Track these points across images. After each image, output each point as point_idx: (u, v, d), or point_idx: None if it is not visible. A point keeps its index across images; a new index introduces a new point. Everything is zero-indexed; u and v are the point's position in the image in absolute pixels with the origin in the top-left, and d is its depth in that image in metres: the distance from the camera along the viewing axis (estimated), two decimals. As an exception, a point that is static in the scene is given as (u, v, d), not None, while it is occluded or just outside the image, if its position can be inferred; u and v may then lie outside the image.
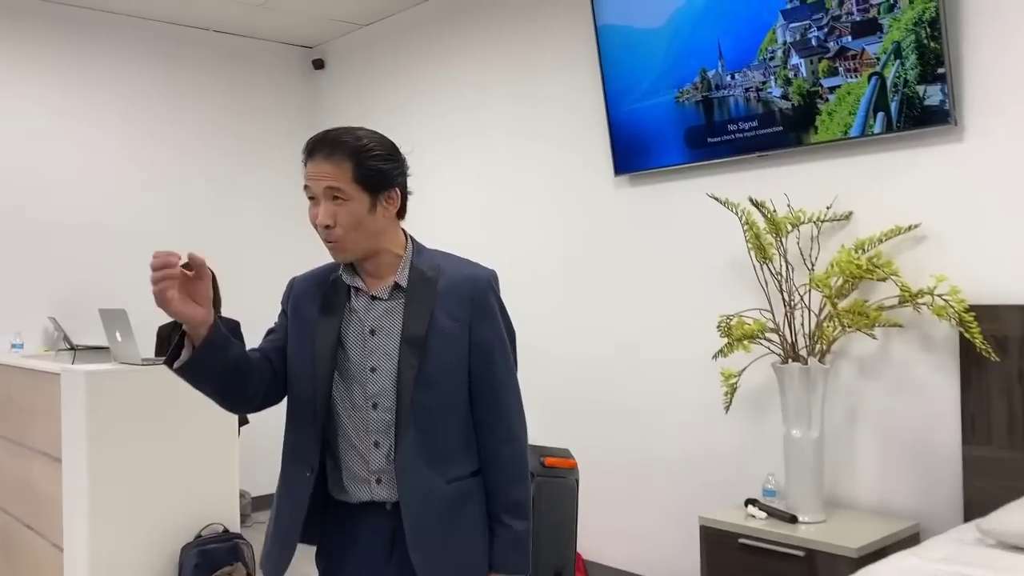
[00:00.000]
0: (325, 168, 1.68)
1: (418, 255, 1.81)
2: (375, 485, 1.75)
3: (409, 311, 1.74)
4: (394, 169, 1.74)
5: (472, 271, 1.82)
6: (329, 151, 1.69)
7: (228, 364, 1.67)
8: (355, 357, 1.75)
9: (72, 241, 5.07)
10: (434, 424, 1.73)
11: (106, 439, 3.39)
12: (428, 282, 1.76)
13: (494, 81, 4.66)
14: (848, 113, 3.16)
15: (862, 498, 3.23)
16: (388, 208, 1.74)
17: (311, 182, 1.71)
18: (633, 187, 4.01)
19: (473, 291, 1.78)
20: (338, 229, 1.69)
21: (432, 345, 1.72)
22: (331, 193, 1.68)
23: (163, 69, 5.46)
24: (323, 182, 1.68)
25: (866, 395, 3.22)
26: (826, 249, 3.24)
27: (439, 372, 1.73)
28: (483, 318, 1.78)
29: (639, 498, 3.96)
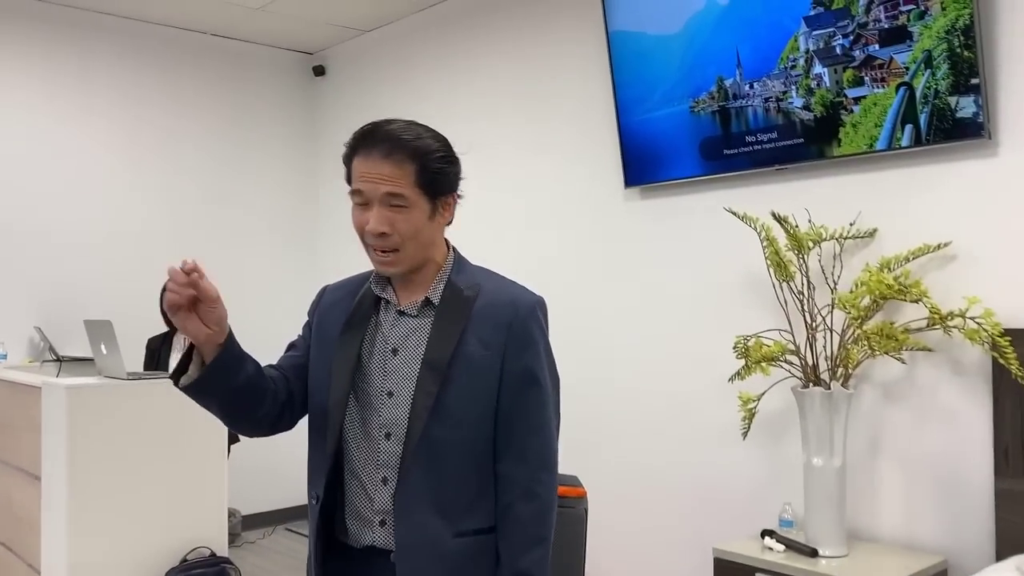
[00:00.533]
0: (384, 169, 1.48)
1: (458, 270, 1.61)
2: (378, 528, 1.54)
3: (436, 331, 1.54)
4: (455, 172, 1.56)
5: (516, 294, 1.59)
6: (389, 149, 1.48)
7: (239, 385, 1.48)
8: (373, 379, 1.55)
9: (61, 249, 4.90)
10: (447, 463, 1.50)
11: (88, 457, 3.22)
12: (463, 301, 1.55)
13: (500, 89, 4.52)
14: (874, 125, 3.00)
15: (885, 531, 3.05)
16: (444, 215, 1.56)
17: (366, 184, 1.50)
18: (644, 200, 3.85)
19: (513, 316, 1.55)
20: (395, 238, 1.50)
21: (455, 372, 1.50)
22: (390, 200, 1.48)
23: (160, 74, 5.31)
24: (382, 186, 1.48)
25: (890, 422, 3.05)
26: (848, 267, 3.08)
27: (460, 403, 1.50)
28: (521, 348, 1.54)
29: (649, 526, 3.78)
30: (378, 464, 1.54)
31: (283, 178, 5.79)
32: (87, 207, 5.01)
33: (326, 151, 5.80)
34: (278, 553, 5.00)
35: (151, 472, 3.34)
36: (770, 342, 3.05)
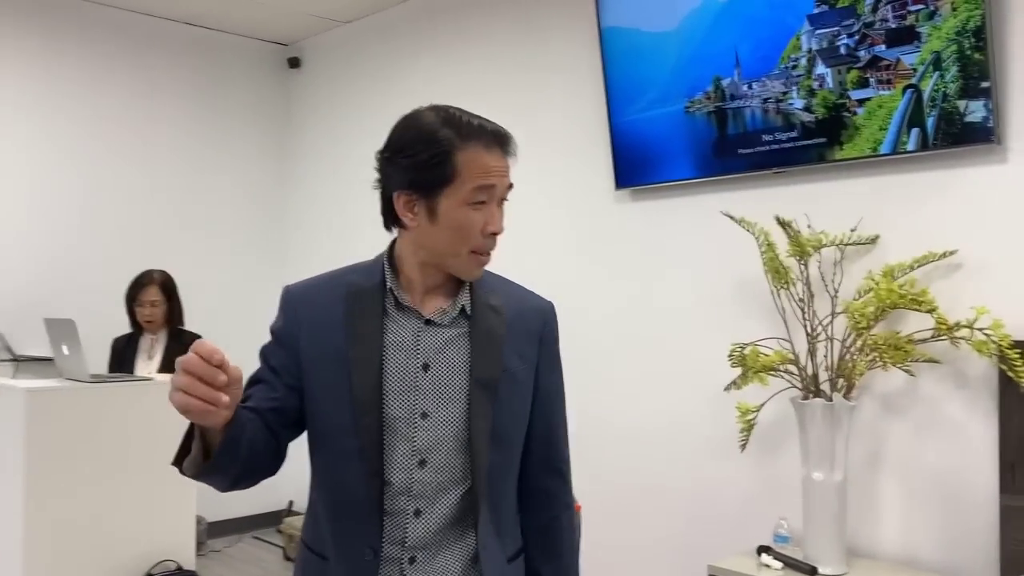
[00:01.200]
0: (505, 164, 1.41)
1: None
2: (407, 566, 1.38)
3: (478, 345, 1.42)
4: None
5: (536, 302, 1.56)
6: (509, 146, 1.42)
7: (245, 455, 1.30)
8: (402, 398, 1.38)
9: (20, 243, 4.67)
10: (499, 489, 1.45)
11: (47, 464, 3.02)
12: (495, 311, 1.46)
13: (485, 85, 4.37)
14: (879, 128, 2.91)
15: (885, 548, 2.96)
16: None
17: (499, 179, 1.40)
18: (635, 202, 3.73)
19: (542, 327, 1.52)
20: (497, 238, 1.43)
21: (504, 391, 1.42)
22: (503, 196, 1.42)
23: (128, 63, 5.09)
24: (506, 179, 1.42)
25: (891, 435, 2.96)
26: (848, 275, 2.99)
27: (510, 426, 1.43)
28: (551, 361, 1.53)
29: (640, 540, 3.65)
30: (411, 495, 1.38)
31: (255, 173, 5.59)
32: (47, 199, 4.78)
33: (300, 145, 5.62)
34: (245, 563, 4.81)
35: (115, 481, 3.15)
36: (768, 351, 2.94)
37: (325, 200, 5.39)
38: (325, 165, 5.40)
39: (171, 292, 4.12)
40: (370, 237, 1.45)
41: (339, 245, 5.14)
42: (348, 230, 5.11)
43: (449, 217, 1.36)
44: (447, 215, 1.36)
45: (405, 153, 1.37)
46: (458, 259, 1.39)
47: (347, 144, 5.21)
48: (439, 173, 1.35)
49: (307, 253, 5.48)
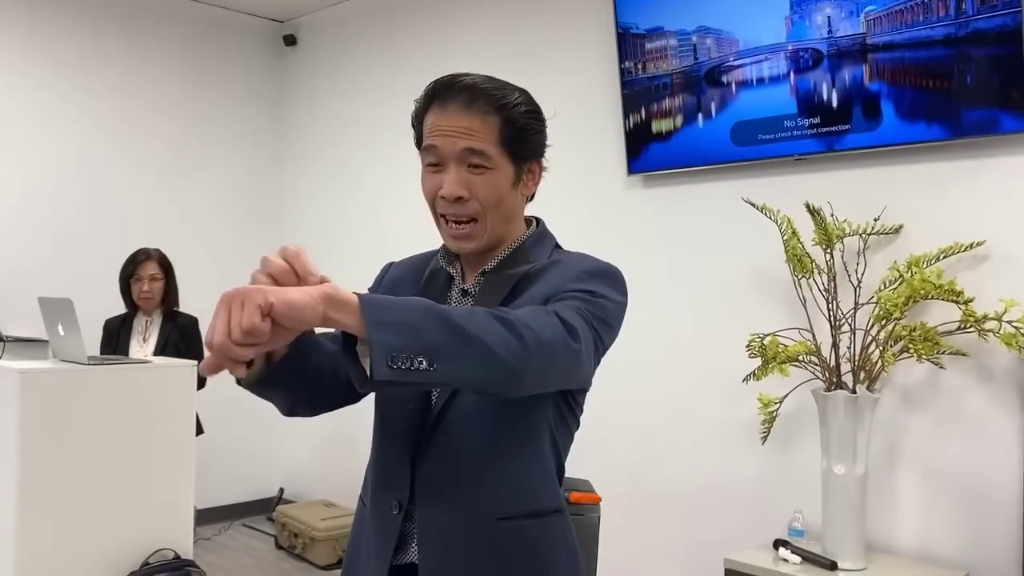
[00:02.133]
0: (463, 122, 1.27)
1: (537, 241, 1.40)
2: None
3: (483, 290, 1.34)
4: (543, 135, 1.37)
5: (586, 258, 1.40)
6: (469, 99, 1.27)
7: (306, 375, 1.23)
8: None
9: (7, 222, 4.52)
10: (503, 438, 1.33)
11: (41, 449, 2.90)
12: (520, 263, 1.35)
13: (488, 65, 4.26)
14: (905, 114, 2.85)
15: (904, 543, 2.91)
16: (528, 184, 1.37)
17: (441, 138, 1.28)
18: (647, 188, 3.65)
19: (569, 271, 1.32)
20: (474, 204, 1.29)
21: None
22: (470, 157, 1.27)
23: (119, 37, 4.93)
24: (462, 141, 1.27)
25: (912, 429, 2.91)
26: (871, 265, 2.93)
27: None
28: (576, 290, 1.28)
29: (654, 533, 3.58)
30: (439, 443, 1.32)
31: (249, 152, 5.45)
32: (36, 177, 4.63)
33: (296, 125, 5.49)
34: (236, 551, 4.71)
35: (111, 467, 3.03)
36: (788, 341, 2.88)
37: (322, 180, 5.27)
38: (322, 145, 5.28)
39: (168, 270, 4.00)
40: (367, 217, 1.37)
41: (337, 226, 5.03)
42: (346, 210, 5.00)
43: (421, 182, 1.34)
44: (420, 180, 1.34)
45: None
46: (439, 228, 1.35)
47: (344, 124, 5.09)
48: (417, 140, 1.34)
49: (304, 234, 5.36)
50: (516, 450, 1.31)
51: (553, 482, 1.38)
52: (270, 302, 0.94)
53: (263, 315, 0.94)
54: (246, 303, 0.94)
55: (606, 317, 1.31)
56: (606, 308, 1.31)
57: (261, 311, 0.94)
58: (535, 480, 1.34)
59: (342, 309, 0.99)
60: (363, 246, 4.75)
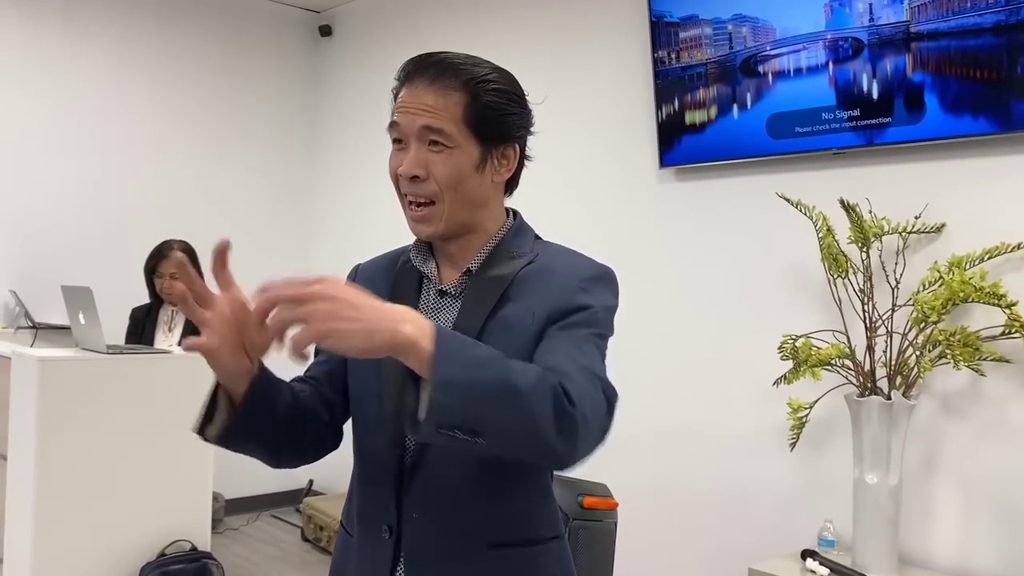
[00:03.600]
0: (427, 98, 1.20)
1: (516, 235, 1.31)
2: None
3: (469, 299, 1.25)
4: (517, 116, 1.27)
5: (581, 260, 1.29)
6: (435, 75, 1.21)
7: (279, 417, 1.20)
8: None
9: (42, 208, 4.56)
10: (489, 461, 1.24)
11: (60, 437, 2.90)
12: (507, 265, 1.26)
13: (522, 53, 4.18)
14: (948, 107, 2.70)
15: (940, 557, 2.78)
16: (499, 170, 1.27)
17: (402, 115, 1.22)
18: (680, 183, 3.54)
19: (573, 278, 1.23)
20: (431, 184, 1.21)
21: (487, 339, 1.17)
22: (428, 134, 1.20)
23: (154, 27, 4.94)
24: (421, 117, 1.20)
25: (951, 438, 2.77)
26: (911, 265, 2.79)
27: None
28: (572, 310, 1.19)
29: (676, 542, 3.47)
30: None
31: (282, 144, 5.44)
32: (69, 165, 4.65)
33: (330, 116, 5.46)
34: (262, 542, 4.70)
35: (129, 456, 3.03)
36: (822, 344, 2.76)
37: (355, 174, 5.23)
38: (356, 135, 5.24)
39: (192, 263, 3.97)
40: (399, 214, 1.29)
41: (369, 220, 4.99)
42: (381, 201, 4.96)
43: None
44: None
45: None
46: (404, 213, 1.27)
47: (379, 114, 5.03)
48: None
49: (335, 228, 5.33)
50: (510, 476, 1.23)
51: (551, 507, 1.31)
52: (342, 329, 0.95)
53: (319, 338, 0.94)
54: (328, 321, 0.94)
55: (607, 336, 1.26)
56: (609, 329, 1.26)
57: (320, 335, 0.94)
58: (531, 506, 1.27)
59: (411, 354, 0.97)
60: (396, 236, 4.68)
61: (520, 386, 0.99)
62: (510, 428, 0.99)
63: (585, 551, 2.37)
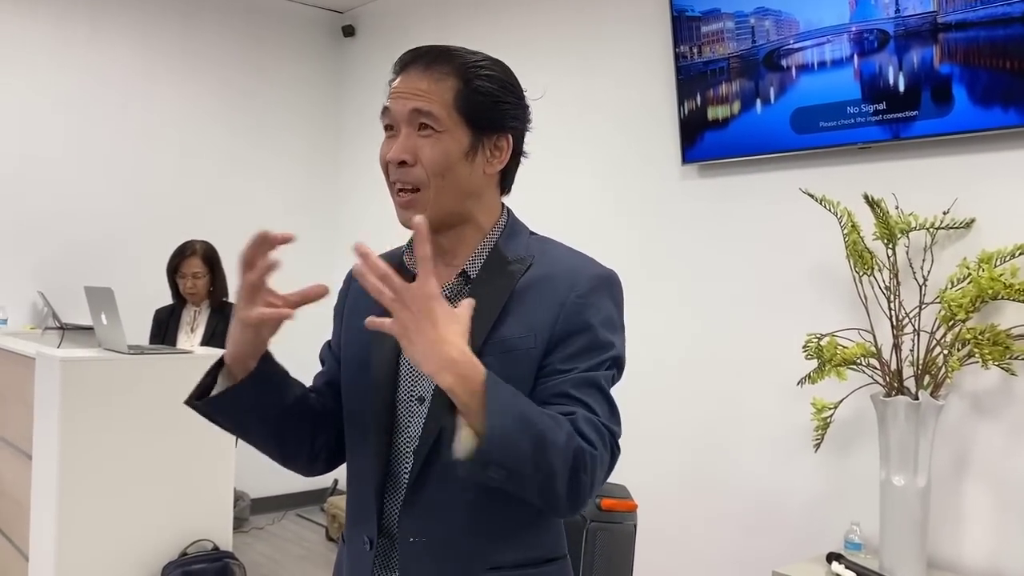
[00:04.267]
0: (419, 84, 1.19)
1: (510, 237, 1.27)
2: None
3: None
4: (511, 107, 1.25)
5: (578, 265, 1.23)
6: (430, 61, 1.21)
7: (288, 405, 1.22)
8: (407, 381, 1.23)
9: (69, 209, 4.60)
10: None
11: (82, 437, 2.92)
12: (507, 273, 1.21)
13: (544, 49, 4.15)
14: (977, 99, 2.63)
15: (970, 561, 2.71)
16: (491, 161, 1.23)
17: (394, 100, 1.21)
18: (703, 178, 3.49)
19: (571, 290, 1.18)
20: (417, 169, 1.19)
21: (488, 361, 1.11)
22: (418, 119, 1.19)
23: (178, 28, 4.97)
24: (411, 101, 1.19)
25: (981, 438, 2.69)
26: (940, 262, 2.72)
27: None
28: (574, 332, 1.16)
29: (698, 545, 3.43)
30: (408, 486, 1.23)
31: (306, 143, 5.46)
32: (94, 168, 4.70)
33: (353, 117, 5.46)
34: (287, 541, 4.71)
35: (151, 456, 3.04)
36: (848, 343, 2.70)
37: (379, 174, 5.19)
38: (380, 137, 5.20)
39: (214, 263, 3.99)
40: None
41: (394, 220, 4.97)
42: (399, 204, 4.95)
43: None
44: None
45: None
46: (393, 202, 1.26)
47: (400, 115, 5.03)
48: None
49: (360, 228, 5.33)
50: (512, 501, 1.15)
51: (555, 527, 1.27)
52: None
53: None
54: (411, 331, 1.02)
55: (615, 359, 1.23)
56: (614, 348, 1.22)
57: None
58: (533, 527, 1.23)
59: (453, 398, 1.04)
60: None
61: (550, 447, 1.05)
62: (530, 478, 1.05)
63: (603, 554, 2.33)
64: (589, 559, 2.36)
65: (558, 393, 1.15)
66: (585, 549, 2.37)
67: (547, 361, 1.17)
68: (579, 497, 1.09)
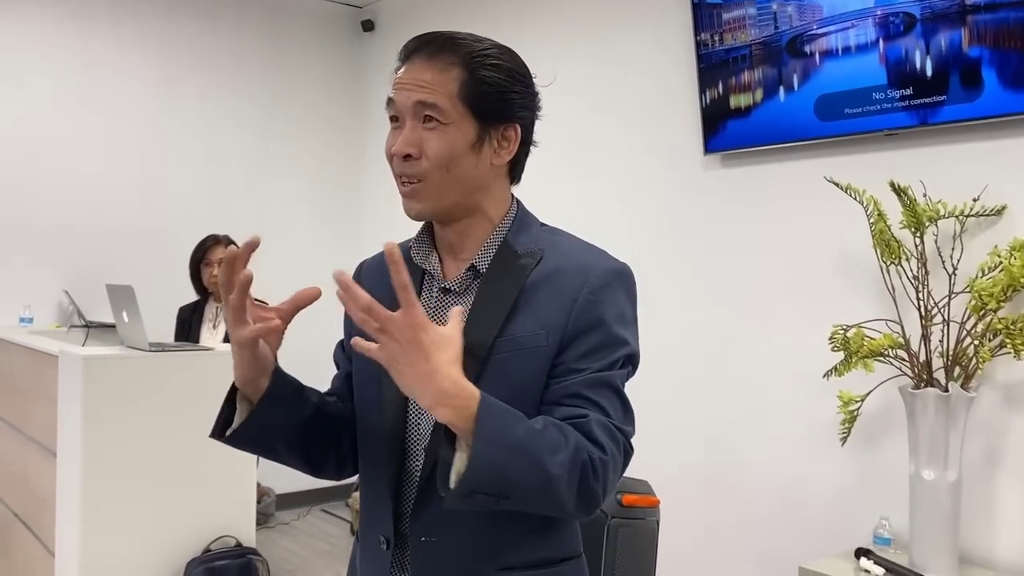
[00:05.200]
0: (425, 75, 1.16)
1: (520, 230, 1.24)
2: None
3: (477, 307, 1.18)
4: (519, 95, 1.21)
5: (591, 259, 1.20)
6: (434, 51, 1.17)
7: (308, 417, 1.22)
8: None
9: (93, 208, 4.63)
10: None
11: (105, 434, 2.93)
12: (517, 268, 1.18)
13: (564, 38, 4.10)
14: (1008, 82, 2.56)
15: (1001, 556, 2.64)
16: (499, 152, 1.20)
17: (398, 92, 1.18)
18: (725, 168, 3.44)
19: (582, 285, 1.16)
20: (423, 162, 1.16)
21: (498, 359, 1.13)
22: (423, 110, 1.16)
23: (197, 25, 4.99)
24: (416, 93, 1.15)
25: (1012, 430, 2.63)
26: (968, 251, 2.65)
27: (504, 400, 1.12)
28: (586, 330, 1.14)
29: (723, 541, 3.38)
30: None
31: (326, 138, 5.45)
32: (117, 166, 4.73)
33: (373, 112, 5.45)
34: (312, 536, 4.73)
35: (174, 453, 3.05)
36: (875, 334, 2.64)
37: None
38: (398, 131, 5.21)
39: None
40: None
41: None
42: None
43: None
44: None
45: None
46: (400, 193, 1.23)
47: (421, 109, 5.01)
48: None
49: (382, 223, 5.32)
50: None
51: (569, 527, 1.25)
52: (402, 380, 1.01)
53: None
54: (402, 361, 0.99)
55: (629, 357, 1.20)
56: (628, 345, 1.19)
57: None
58: (546, 527, 1.21)
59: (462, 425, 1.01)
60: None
61: (552, 473, 1.03)
62: (527, 499, 1.05)
63: (625, 550, 2.29)
64: (611, 556, 2.33)
65: (572, 394, 1.13)
66: (607, 546, 2.34)
67: (560, 359, 1.15)
68: (591, 503, 1.09)
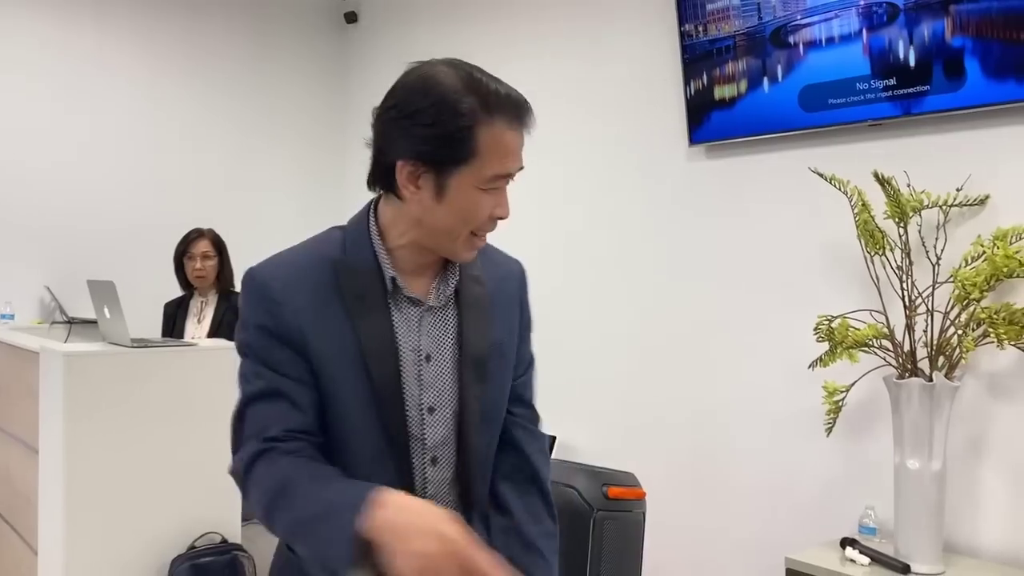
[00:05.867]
0: (523, 143, 1.27)
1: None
2: None
3: (468, 324, 1.29)
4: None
5: (507, 264, 1.44)
6: (529, 119, 1.25)
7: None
8: (411, 394, 1.25)
9: (75, 203, 4.58)
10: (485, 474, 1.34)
11: (87, 430, 2.91)
12: (477, 282, 1.35)
13: (548, 31, 4.08)
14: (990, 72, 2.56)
15: (985, 545, 2.66)
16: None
17: (516, 162, 1.25)
18: (710, 159, 3.43)
19: (519, 290, 1.43)
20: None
21: (492, 367, 1.32)
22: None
23: (181, 19, 4.93)
24: (521, 163, 1.28)
25: (997, 420, 2.64)
26: (952, 240, 2.66)
27: (499, 402, 1.31)
28: (528, 328, 1.44)
29: (710, 531, 3.39)
30: (425, 495, 1.25)
31: (309, 131, 5.40)
32: (101, 161, 4.67)
33: (358, 104, 5.41)
34: (299, 531, 4.69)
35: (157, 450, 3.02)
36: (860, 324, 2.64)
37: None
38: (382, 124, 5.18)
39: (221, 249, 4.01)
40: None
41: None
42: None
43: (458, 198, 1.19)
44: (456, 195, 1.19)
45: (419, 119, 1.18)
46: (455, 242, 1.23)
47: (405, 101, 4.98)
48: (457, 150, 1.18)
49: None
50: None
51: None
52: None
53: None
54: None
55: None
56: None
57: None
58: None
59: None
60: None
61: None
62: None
63: (611, 544, 2.30)
64: (597, 548, 2.34)
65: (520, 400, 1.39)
66: (593, 539, 2.35)
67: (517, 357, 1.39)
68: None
